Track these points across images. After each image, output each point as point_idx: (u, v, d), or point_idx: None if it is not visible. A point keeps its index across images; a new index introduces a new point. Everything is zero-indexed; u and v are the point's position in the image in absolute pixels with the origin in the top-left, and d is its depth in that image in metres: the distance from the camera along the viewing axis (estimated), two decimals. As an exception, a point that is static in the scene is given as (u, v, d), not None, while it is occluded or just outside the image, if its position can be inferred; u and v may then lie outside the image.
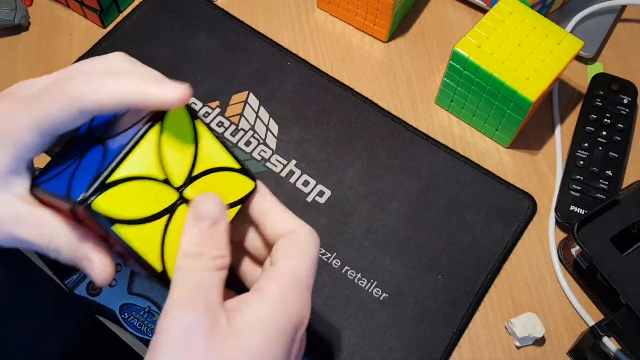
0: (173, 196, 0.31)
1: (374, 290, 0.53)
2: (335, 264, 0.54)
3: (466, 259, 0.54)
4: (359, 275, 0.53)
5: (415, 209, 0.56)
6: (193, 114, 0.32)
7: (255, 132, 0.60)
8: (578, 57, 0.65)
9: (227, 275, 0.32)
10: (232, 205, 0.34)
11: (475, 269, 0.54)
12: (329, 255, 0.54)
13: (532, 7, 0.61)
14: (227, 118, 0.61)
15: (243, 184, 0.35)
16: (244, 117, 0.61)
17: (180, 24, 0.66)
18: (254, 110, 0.61)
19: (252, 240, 0.38)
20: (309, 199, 0.56)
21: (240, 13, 0.68)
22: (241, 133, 0.60)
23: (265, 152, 0.59)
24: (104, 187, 0.29)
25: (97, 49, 0.64)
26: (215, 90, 0.62)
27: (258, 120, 0.61)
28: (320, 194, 0.57)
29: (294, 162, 0.58)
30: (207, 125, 0.33)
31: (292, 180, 0.57)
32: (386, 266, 0.53)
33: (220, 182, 0.34)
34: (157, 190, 0.30)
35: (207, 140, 0.33)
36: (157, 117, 0.31)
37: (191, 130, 0.32)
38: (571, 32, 0.64)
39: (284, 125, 0.60)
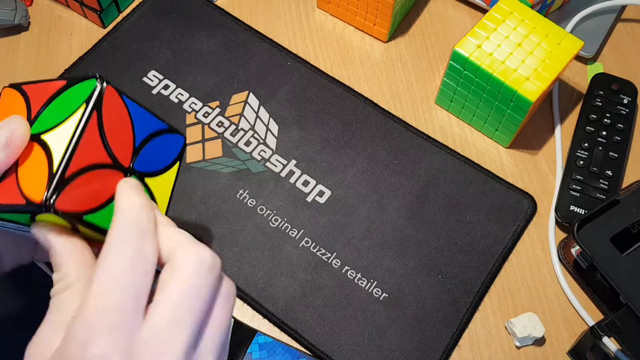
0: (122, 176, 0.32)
1: (374, 290, 0.53)
2: (335, 264, 0.54)
3: (466, 259, 0.54)
4: (359, 275, 0.53)
5: (415, 208, 0.56)
6: (119, 90, 0.32)
7: (255, 132, 0.60)
8: (578, 57, 0.65)
9: None
10: (172, 164, 0.36)
11: (475, 269, 0.54)
12: (329, 255, 0.54)
13: (532, 7, 0.61)
14: (227, 118, 0.61)
15: (175, 141, 0.36)
16: (244, 117, 0.61)
17: (180, 24, 0.66)
18: (254, 110, 0.61)
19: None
20: (309, 199, 0.56)
21: (240, 13, 0.68)
22: (241, 133, 0.60)
23: (265, 152, 0.59)
24: (61, 184, 0.29)
25: (97, 49, 0.64)
26: (215, 90, 0.62)
27: (258, 120, 0.61)
28: (320, 194, 0.57)
29: (294, 162, 0.58)
30: (130, 96, 0.33)
31: (292, 180, 0.57)
32: (386, 266, 0.53)
33: (156, 146, 0.34)
34: (109, 175, 0.31)
35: (137, 111, 0.33)
36: (95, 103, 0.30)
37: (124, 105, 0.32)
38: (571, 32, 0.64)
39: (284, 125, 0.60)
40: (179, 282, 0.28)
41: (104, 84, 0.31)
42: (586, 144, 0.58)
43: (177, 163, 0.36)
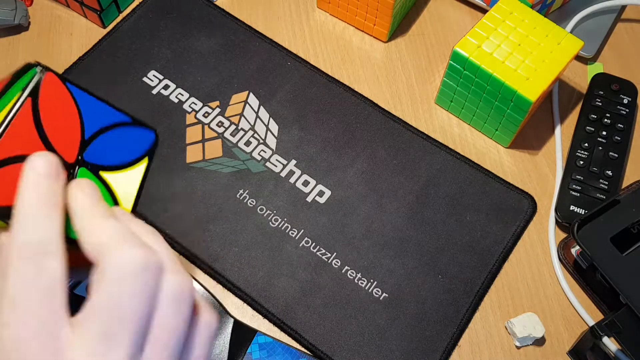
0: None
1: (374, 290, 0.53)
2: (335, 264, 0.54)
3: (466, 259, 0.54)
4: (359, 275, 0.53)
5: (415, 208, 0.56)
6: (63, 78, 0.30)
7: (255, 132, 0.60)
8: (578, 57, 0.65)
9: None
10: (139, 160, 0.33)
11: (475, 269, 0.54)
12: (329, 255, 0.54)
13: (532, 7, 0.61)
14: (227, 118, 0.61)
15: (144, 136, 0.33)
16: (244, 117, 0.61)
17: (180, 24, 0.66)
18: (254, 110, 0.61)
19: None
20: (309, 199, 0.56)
21: (240, 13, 0.68)
22: (241, 133, 0.60)
23: (265, 152, 0.59)
24: None
25: (97, 49, 0.64)
26: (215, 90, 0.62)
27: (258, 120, 0.61)
28: (320, 194, 0.57)
29: (294, 162, 0.58)
30: (81, 86, 0.31)
31: (292, 180, 0.57)
32: (386, 266, 0.53)
33: (117, 139, 0.32)
34: None
35: (87, 101, 0.31)
36: (32, 91, 0.29)
37: (69, 94, 0.30)
38: (571, 32, 0.64)
39: (284, 125, 0.60)
40: (103, 290, 0.24)
41: (44, 72, 0.29)
42: (586, 144, 0.58)
43: (146, 159, 0.33)
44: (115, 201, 0.31)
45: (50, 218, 0.25)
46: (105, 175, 0.31)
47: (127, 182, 0.32)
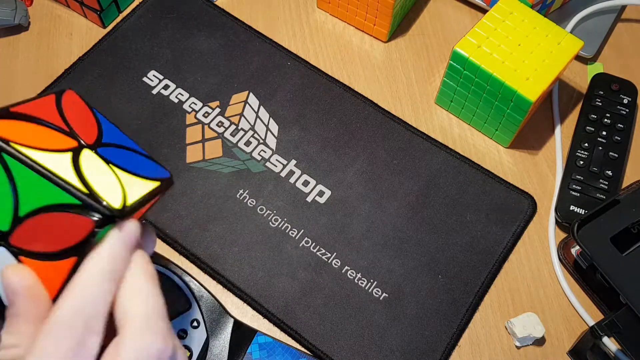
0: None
1: (374, 290, 0.53)
2: (335, 264, 0.54)
3: (466, 259, 0.54)
4: (359, 275, 0.53)
5: (415, 208, 0.56)
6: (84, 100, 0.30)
7: (255, 132, 0.60)
8: (578, 57, 0.65)
9: None
10: (150, 179, 0.30)
11: (475, 269, 0.54)
12: (329, 255, 0.54)
13: (532, 7, 0.61)
14: (227, 118, 0.61)
15: (159, 171, 0.31)
16: (244, 117, 0.61)
17: (180, 24, 0.66)
18: (254, 110, 0.61)
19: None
20: (309, 199, 0.56)
21: (240, 13, 0.68)
22: (241, 133, 0.60)
23: (265, 152, 0.59)
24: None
25: (97, 49, 0.64)
26: (215, 90, 0.62)
27: (258, 120, 0.61)
28: (320, 194, 0.57)
29: (294, 162, 0.58)
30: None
31: (292, 180, 0.57)
32: (386, 266, 0.53)
33: (137, 160, 0.31)
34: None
35: (108, 125, 0.31)
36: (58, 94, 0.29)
37: (91, 112, 0.30)
38: (571, 32, 0.64)
39: (284, 125, 0.60)
40: None
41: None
42: (586, 144, 0.58)
43: (158, 182, 0.30)
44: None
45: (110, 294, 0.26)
46: (115, 169, 0.29)
47: (133, 186, 0.29)
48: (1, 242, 0.27)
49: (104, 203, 0.27)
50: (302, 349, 0.50)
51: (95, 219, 0.26)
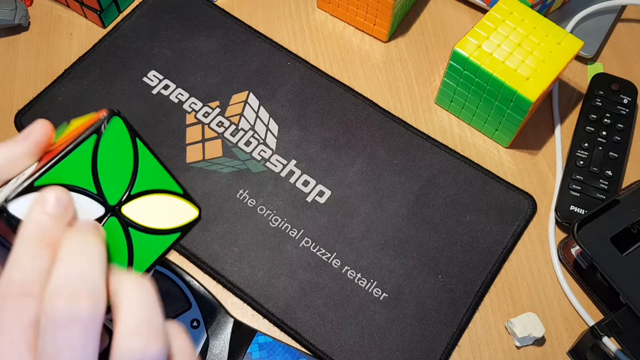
0: (100, 211, 0.29)
1: (374, 290, 0.53)
2: (335, 264, 0.54)
3: (466, 259, 0.54)
4: (359, 275, 0.53)
5: (415, 208, 0.56)
6: (134, 132, 0.31)
7: (255, 132, 0.60)
8: (578, 57, 0.65)
9: None
10: (171, 231, 0.33)
11: (475, 269, 0.54)
12: (329, 255, 0.54)
13: (532, 7, 0.61)
14: (227, 118, 0.61)
15: (186, 211, 0.34)
16: (244, 117, 0.61)
17: (180, 24, 0.66)
18: (254, 110, 0.61)
19: None
20: (309, 199, 0.56)
21: (240, 13, 0.68)
22: (241, 133, 0.60)
23: (265, 152, 0.59)
24: (29, 190, 0.26)
25: (97, 49, 0.64)
26: (215, 90, 0.62)
27: (258, 120, 0.61)
28: (320, 194, 0.57)
29: (294, 162, 0.58)
30: (150, 147, 0.32)
31: (292, 180, 0.57)
32: (386, 266, 0.53)
33: (160, 205, 0.32)
34: (87, 202, 0.29)
35: (148, 160, 0.31)
36: (95, 129, 0.29)
37: (131, 148, 0.31)
38: (571, 32, 0.64)
39: (284, 125, 0.60)
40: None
41: (118, 118, 0.30)
42: (586, 144, 0.58)
43: (179, 233, 0.33)
44: (130, 261, 0.31)
45: (41, 258, 0.25)
46: (133, 232, 0.31)
47: (150, 246, 0.32)
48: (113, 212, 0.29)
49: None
50: (302, 349, 0.50)
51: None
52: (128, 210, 0.31)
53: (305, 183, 0.57)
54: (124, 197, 0.30)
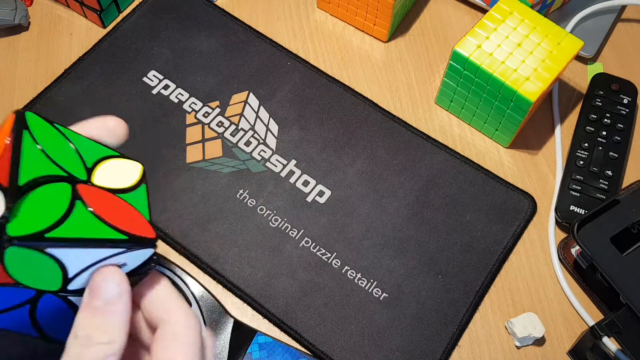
0: (68, 187, 0.29)
1: (374, 290, 0.53)
2: (335, 264, 0.54)
3: (466, 259, 0.54)
4: (359, 275, 0.53)
5: (415, 209, 0.56)
6: (50, 121, 0.31)
7: (255, 132, 0.60)
8: (578, 57, 0.65)
9: None
10: (139, 184, 0.33)
11: (475, 269, 0.54)
12: (329, 255, 0.54)
13: (532, 7, 0.61)
14: (227, 118, 0.61)
15: (132, 165, 0.34)
16: (244, 117, 0.61)
17: (180, 24, 0.66)
18: (254, 110, 0.61)
19: (141, 329, 0.33)
20: (309, 199, 0.56)
21: (240, 13, 0.68)
22: (241, 133, 0.60)
23: (265, 152, 0.59)
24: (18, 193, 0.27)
25: (97, 49, 0.64)
26: (215, 90, 0.62)
27: (258, 120, 0.61)
28: (320, 194, 0.57)
29: (294, 162, 0.58)
30: (68, 128, 0.32)
31: (292, 180, 0.57)
32: (386, 266, 0.53)
33: (113, 169, 0.33)
34: (56, 188, 0.29)
35: (78, 139, 0.32)
36: (21, 126, 0.29)
37: (58, 133, 0.31)
38: (571, 32, 0.64)
39: (284, 125, 0.60)
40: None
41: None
42: (586, 144, 0.58)
43: (145, 185, 0.33)
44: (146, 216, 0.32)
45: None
46: (122, 196, 0.33)
47: (137, 201, 0.33)
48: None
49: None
50: (302, 349, 0.50)
51: None
52: (98, 181, 0.31)
53: (305, 183, 0.57)
54: (87, 172, 0.31)
